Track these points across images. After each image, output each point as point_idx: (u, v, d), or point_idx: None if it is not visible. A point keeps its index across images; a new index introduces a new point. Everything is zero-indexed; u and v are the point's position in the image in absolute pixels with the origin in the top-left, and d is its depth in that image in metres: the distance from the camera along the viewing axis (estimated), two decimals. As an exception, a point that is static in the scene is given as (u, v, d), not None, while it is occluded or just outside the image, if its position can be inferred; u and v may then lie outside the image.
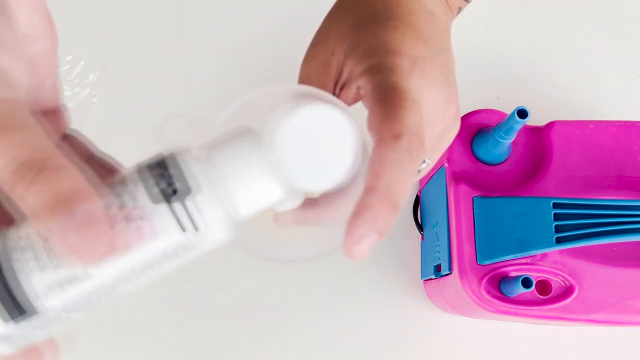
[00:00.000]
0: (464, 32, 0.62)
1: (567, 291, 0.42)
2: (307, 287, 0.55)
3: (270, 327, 0.54)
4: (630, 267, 0.42)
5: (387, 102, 0.26)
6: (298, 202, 0.28)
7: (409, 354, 0.53)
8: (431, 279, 0.50)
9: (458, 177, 0.45)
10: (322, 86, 0.29)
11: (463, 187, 0.44)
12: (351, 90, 0.29)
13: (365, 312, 0.54)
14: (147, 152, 0.23)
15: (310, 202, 0.29)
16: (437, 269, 0.47)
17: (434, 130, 0.29)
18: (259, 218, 0.28)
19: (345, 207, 0.25)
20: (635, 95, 0.61)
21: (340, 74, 0.29)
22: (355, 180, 0.25)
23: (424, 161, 0.28)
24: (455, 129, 0.31)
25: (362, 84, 0.28)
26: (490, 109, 0.47)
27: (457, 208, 0.44)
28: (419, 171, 0.29)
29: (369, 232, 0.23)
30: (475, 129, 0.46)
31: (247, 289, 0.55)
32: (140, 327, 0.54)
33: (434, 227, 0.49)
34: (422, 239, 0.54)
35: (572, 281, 0.42)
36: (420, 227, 0.54)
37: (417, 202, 0.56)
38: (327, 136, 0.23)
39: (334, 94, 0.29)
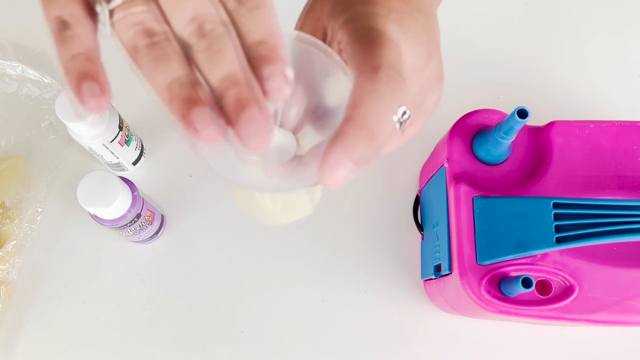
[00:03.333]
0: (464, 32, 0.62)
1: (567, 291, 0.42)
2: (307, 287, 0.55)
3: (270, 327, 0.54)
4: (630, 267, 0.42)
5: (364, 42, 0.26)
6: (288, 157, 0.28)
7: (409, 354, 0.53)
8: (431, 279, 0.50)
9: (458, 177, 0.45)
10: None
11: (463, 187, 0.44)
12: (334, 49, 0.28)
13: (365, 312, 0.54)
14: (148, 150, 0.23)
15: (299, 156, 0.28)
16: (437, 269, 0.47)
17: (413, 84, 0.29)
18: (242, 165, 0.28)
19: None
20: (635, 95, 0.61)
21: (325, 35, 0.29)
22: None
23: (404, 112, 0.27)
24: (437, 89, 0.31)
25: (340, 37, 0.28)
26: (490, 109, 0.47)
27: (457, 208, 0.44)
28: (400, 124, 0.27)
29: (343, 160, 0.23)
30: (475, 129, 0.46)
31: (247, 289, 0.55)
32: (141, 328, 0.54)
33: (434, 227, 0.49)
34: (422, 239, 0.54)
35: (572, 281, 0.42)
36: (420, 227, 0.54)
37: (417, 202, 0.56)
38: None
39: None
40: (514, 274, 0.42)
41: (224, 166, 0.26)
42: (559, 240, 0.40)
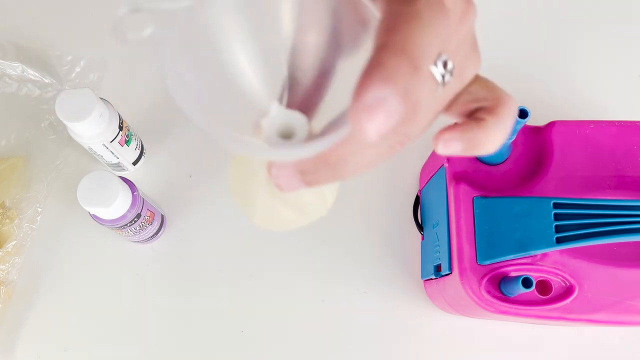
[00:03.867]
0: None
1: (567, 291, 0.42)
2: (307, 287, 0.55)
3: (270, 327, 0.54)
4: (630, 267, 0.42)
5: None
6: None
7: (409, 354, 0.53)
8: (431, 279, 0.50)
9: (458, 177, 0.45)
10: None
11: (463, 187, 0.44)
12: None
13: (365, 312, 0.54)
14: (148, 150, 0.22)
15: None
16: (437, 269, 0.47)
17: (455, 31, 0.22)
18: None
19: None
20: (635, 95, 0.61)
21: None
22: None
23: (446, 63, 0.22)
24: (476, 59, 0.25)
25: None
26: (490, 109, 0.46)
27: (457, 208, 0.44)
28: (443, 77, 0.22)
29: (386, 94, 0.18)
30: (475, 129, 0.46)
31: (247, 289, 0.55)
32: (140, 327, 0.54)
33: (434, 227, 0.49)
34: (422, 239, 0.54)
35: (572, 281, 0.42)
36: (420, 227, 0.54)
37: (417, 202, 0.56)
38: None
39: None
40: (514, 274, 0.42)
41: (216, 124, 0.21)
42: (559, 240, 0.40)
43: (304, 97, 0.24)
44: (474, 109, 0.25)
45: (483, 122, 0.24)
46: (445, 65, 0.22)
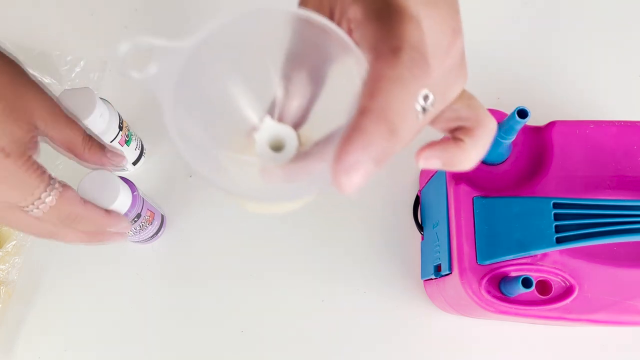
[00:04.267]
0: (464, 32, 0.62)
1: (567, 291, 0.42)
2: (307, 287, 0.55)
3: (270, 327, 0.54)
4: (630, 267, 0.42)
5: (381, 18, 0.22)
6: (289, 157, 0.25)
7: (408, 353, 0.53)
8: (431, 279, 0.50)
9: (458, 177, 0.45)
10: None
11: (463, 187, 0.44)
12: (343, 28, 0.25)
13: (365, 312, 0.54)
14: (148, 150, 0.22)
15: (301, 155, 0.25)
16: (437, 269, 0.47)
17: (438, 65, 0.24)
18: (243, 170, 0.26)
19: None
20: (635, 95, 0.61)
21: (332, 12, 0.25)
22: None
23: (426, 96, 0.23)
24: (462, 76, 0.27)
25: (352, 14, 0.24)
26: (490, 109, 0.47)
27: (457, 208, 0.44)
28: (424, 110, 0.24)
29: (362, 159, 0.20)
30: (475, 129, 0.46)
31: (246, 289, 0.55)
32: (141, 327, 0.54)
33: (434, 227, 0.49)
34: (422, 239, 0.54)
35: (572, 281, 0.42)
36: (420, 227, 0.54)
37: (417, 202, 0.56)
38: None
39: None
40: (514, 274, 0.42)
41: (215, 173, 0.23)
42: (559, 240, 0.40)
43: (293, 108, 0.25)
44: (455, 127, 0.27)
45: (462, 143, 0.27)
46: (426, 98, 0.23)
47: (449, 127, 0.27)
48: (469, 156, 0.27)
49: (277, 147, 0.25)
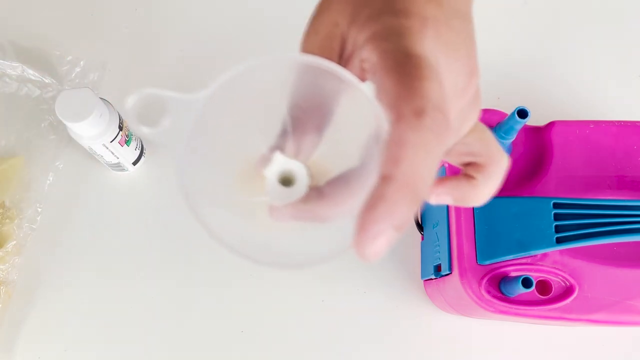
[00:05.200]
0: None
1: (567, 291, 0.42)
2: (307, 287, 0.55)
3: (270, 327, 0.54)
4: (630, 267, 0.42)
5: (400, 71, 0.22)
6: (300, 193, 0.24)
7: (409, 354, 0.53)
8: (431, 279, 0.50)
9: (458, 177, 0.45)
10: None
11: (463, 187, 0.44)
12: (354, 65, 0.24)
13: (365, 312, 0.54)
14: (148, 150, 0.23)
15: (314, 194, 0.25)
16: (437, 269, 0.47)
17: (454, 109, 0.24)
18: (256, 217, 0.25)
19: (356, 198, 0.21)
20: (635, 95, 0.61)
21: (344, 47, 0.25)
22: (368, 166, 0.22)
23: None
24: (476, 109, 0.26)
25: (366, 54, 0.23)
26: (490, 109, 0.47)
27: (457, 208, 0.44)
28: None
29: (386, 228, 0.20)
30: (475, 129, 0.46)
31: (247, 290, 0.55)
32: (141, 328, 0.54)
33: (434, 227, 0.49)
34: (422, 239, 0.54)
35: (572, 281, 0.42)
36: (420, 227, 0.54)
37: (417, 202, 0.56)
38: None
39: None
40: (514, 274, 0.42)
41: (223, 225, 0.23)
42: (559, 240, 0.40)
43: (303, 143, 0.25)
44: (467, 162, 0.27)
45: (474, 181, 0.27)
46: None
47: (462, 162, 0.27)
48: (481, 193, 0.27)
49: (287, 182, 0.24)
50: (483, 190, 0.27)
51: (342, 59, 0.25)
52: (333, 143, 0.25)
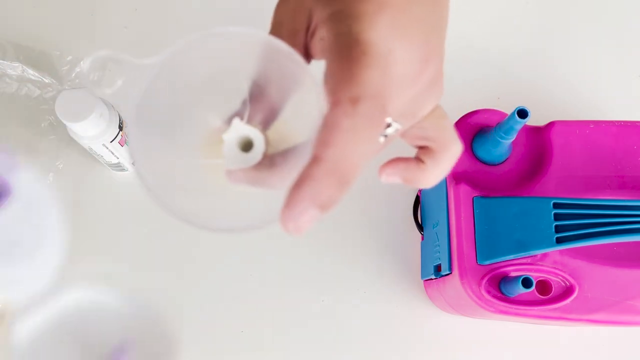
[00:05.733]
0: (464, 33, 0.62)
1: (567, 291, 0.42)
2: (307, 287, 0.55)
3: (270, 327, 0.54)
4: (630, 267, 0.42)
5: (346, 56, 0.23)
6: (255, 159, 0.25)
7: (409, 354, 0.53)
8: (431, 279, 0.50)
9: (458, 177, 0.45)
10: (292, 33, 0.26)
11: (463, 187, 0.44)
12: (317, 39, 0.25)
13: (365, 312, 0.54)
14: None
15: (266, 162, 0.25)
16: (437, 269, 0.47)
17: (403, 95, 0.25)
18: (208, 179, 0.26)
19: (298, 171, 0.22)
20: (635, 95, 0.61)
21: (310, 20, 0.25)
22: (311, 144, 0.23)
23: (388, 125, 0.25)
24: (435, 94, 0.26)
25: (323, 33, 0.24)
26: (490, 109, 0.47)
27: (457, 208, 0.44)
28: (385, 136, 0.25)
29: (310, 207, 0.22)
30: (475, 129, 0.46)
31: (246, 289, 0.55)
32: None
33: (434, 227, 0.49)
34: (422, 239, 0.54)
35: (572, 281, 0.42)
36: (420, 227, 0.54)
37: (417, 202, 0.56)
38: None
39: (304, 42, 0.26)
40: (514, 274, 0.42)
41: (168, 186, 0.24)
42: (559, 240, 0.40)
43: (262, 111, 0.26)
44: (421, 145, 0.28)
45: (423, 165, 0.28)
46: (388, 126, 0.25)
47: (416, 144, 0.28)
48: (428, 177, 0.28)
49: (246, 147, 0.25)
50: (430, 174, 0.28)
51: (309, 32, 0.25)
52: (292, 116, 0.26)
